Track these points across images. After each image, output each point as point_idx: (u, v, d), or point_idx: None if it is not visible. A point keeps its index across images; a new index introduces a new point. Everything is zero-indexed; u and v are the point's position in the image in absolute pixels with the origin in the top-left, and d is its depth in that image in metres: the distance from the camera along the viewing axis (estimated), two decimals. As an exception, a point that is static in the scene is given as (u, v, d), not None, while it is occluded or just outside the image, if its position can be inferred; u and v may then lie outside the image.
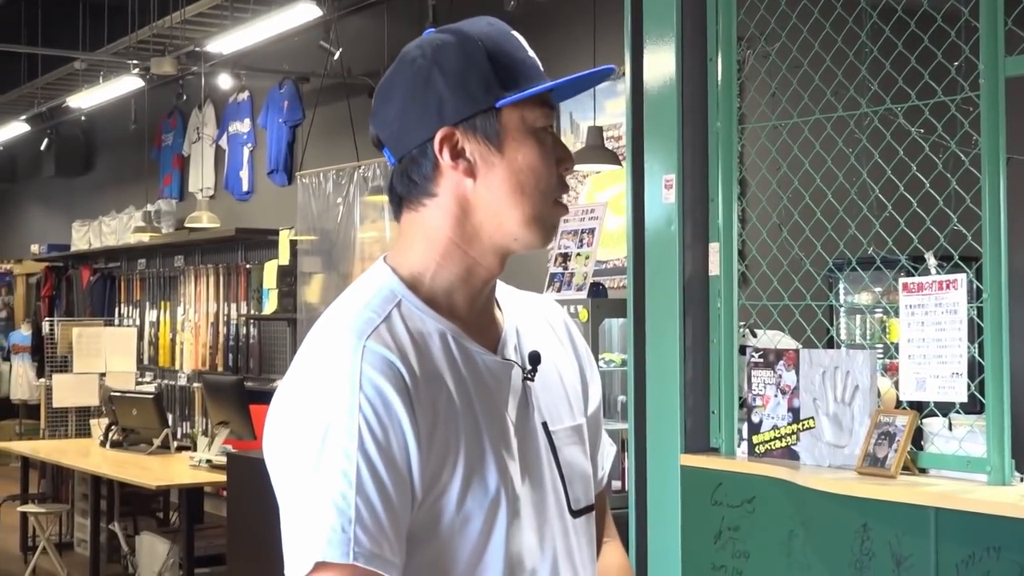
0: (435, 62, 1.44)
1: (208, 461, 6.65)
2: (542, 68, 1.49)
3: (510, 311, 1.56)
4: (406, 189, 1.48)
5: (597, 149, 5.92)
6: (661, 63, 3.79)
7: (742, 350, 3.63)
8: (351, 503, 1.30)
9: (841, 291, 4.96)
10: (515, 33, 1.49)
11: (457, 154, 1.44)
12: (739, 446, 3.59)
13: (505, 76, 1.44)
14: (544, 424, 1.52)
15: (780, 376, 3.45)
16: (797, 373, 3.41)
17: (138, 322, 11.89)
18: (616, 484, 4.81)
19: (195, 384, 10.43)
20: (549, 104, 1.48)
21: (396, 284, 1.46)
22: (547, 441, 1.52)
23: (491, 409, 1.45)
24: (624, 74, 3.96)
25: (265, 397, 8.54)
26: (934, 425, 3.17)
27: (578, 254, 4.98)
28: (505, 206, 1.45)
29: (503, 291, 1.58)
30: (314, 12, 7.85)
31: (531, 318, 1.59)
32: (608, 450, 1.70)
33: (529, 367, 1.51)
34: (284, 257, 9.33)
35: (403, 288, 1.45)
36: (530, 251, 1.49)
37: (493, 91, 1.43)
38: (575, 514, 1.54)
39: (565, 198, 1.51)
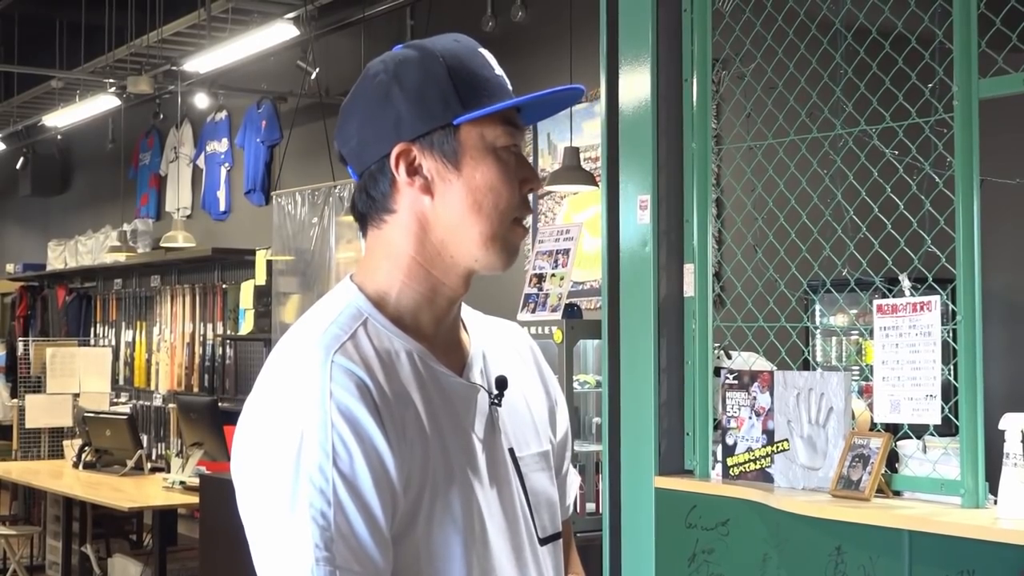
0: (395, 77, 1.42)
1: (181, 483, 6.60)
2: (510, 87, 1.46)
3: (477, 335, 1.54)
4: (365, 206, 1.47)
5: (574, 170, 5.91)
6: (637, 84, 3.79)
7: (716, 372, 3.62)
8: (331, 521, 1.28)
9: (816, 313, 4.96)
10: (483, 51, 1.46)
11: (414, 171, 1.42)
12: (713, 468, 3.57)
13: (466, 93, 1.41)
14: (511, 450, 1.49)
15: (754, 398, 3.43)
16: (771, 395, 3.39)
17: (114, 342, 11.81)
18: (590, 506, 4.79)
19: (170, 405, 10.35)
20: (514, 123, 1.45)
21: (362, 302, 1.44)
22: (514, 467, 1.49)
23: (459, 432, 1.42)
24: (598, 95, 3.95)
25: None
26: (908, 447, 3.16)
27: (553, 275, 4.96)
28: (463, 225, 1.42)
29: (469, 314, 1.56)
30: (291, 32, 7.84)
31: (498, 343, 1.57)
32: (573, 480, 1.68)
33: (496, 391, 1.48)
34: (260, 277, 9.28)
35: (369, 306, 1.43)
36: (492, 273, 1.46)
37: (452, 108, 1.41)
38: (542, 542, 1.51)
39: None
